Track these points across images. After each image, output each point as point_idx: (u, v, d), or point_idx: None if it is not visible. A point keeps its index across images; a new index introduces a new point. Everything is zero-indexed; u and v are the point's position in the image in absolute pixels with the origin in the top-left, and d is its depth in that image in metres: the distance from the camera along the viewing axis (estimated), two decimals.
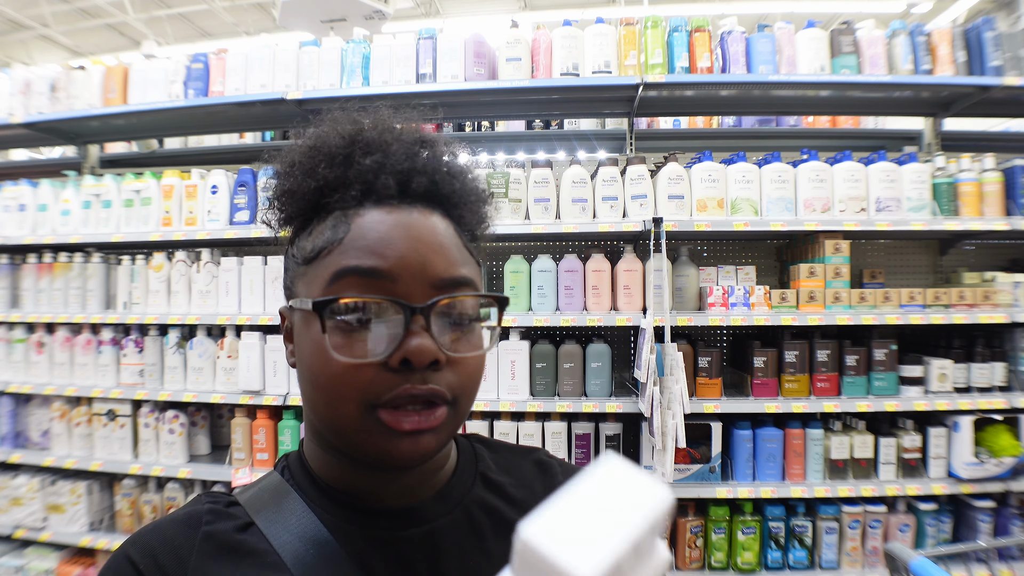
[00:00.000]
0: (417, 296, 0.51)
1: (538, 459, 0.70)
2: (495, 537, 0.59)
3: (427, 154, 0.58)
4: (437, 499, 0.59)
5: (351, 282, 0.51)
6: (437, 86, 2.38)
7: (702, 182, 2.24)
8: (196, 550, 0.53)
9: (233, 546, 0.53)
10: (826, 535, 2.21)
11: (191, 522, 0.55)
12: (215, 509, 0.56)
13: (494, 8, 7.96)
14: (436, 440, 0.51)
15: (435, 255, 0.53)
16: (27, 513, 2.55)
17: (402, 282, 0.51)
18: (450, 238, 0.55)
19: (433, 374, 0.50)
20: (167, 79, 2.60)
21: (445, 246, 0.54)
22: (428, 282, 0.52)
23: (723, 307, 2.19)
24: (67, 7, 7.67)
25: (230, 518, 0.56)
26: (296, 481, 0.59)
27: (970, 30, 2.37)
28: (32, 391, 2.56)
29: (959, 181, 2.29)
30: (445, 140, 0.62)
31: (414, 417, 0.50)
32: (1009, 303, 2.23)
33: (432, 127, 3.28)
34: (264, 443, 2.39)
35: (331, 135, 0.57)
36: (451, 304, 0.52)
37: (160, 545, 0.53)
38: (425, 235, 0.53)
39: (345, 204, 0.54)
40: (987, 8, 6.79)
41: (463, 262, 0.55)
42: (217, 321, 2.39)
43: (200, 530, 0.54)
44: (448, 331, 0.52)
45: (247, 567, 0.52)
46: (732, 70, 2.35)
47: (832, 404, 2.16)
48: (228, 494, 0.59)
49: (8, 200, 2.66)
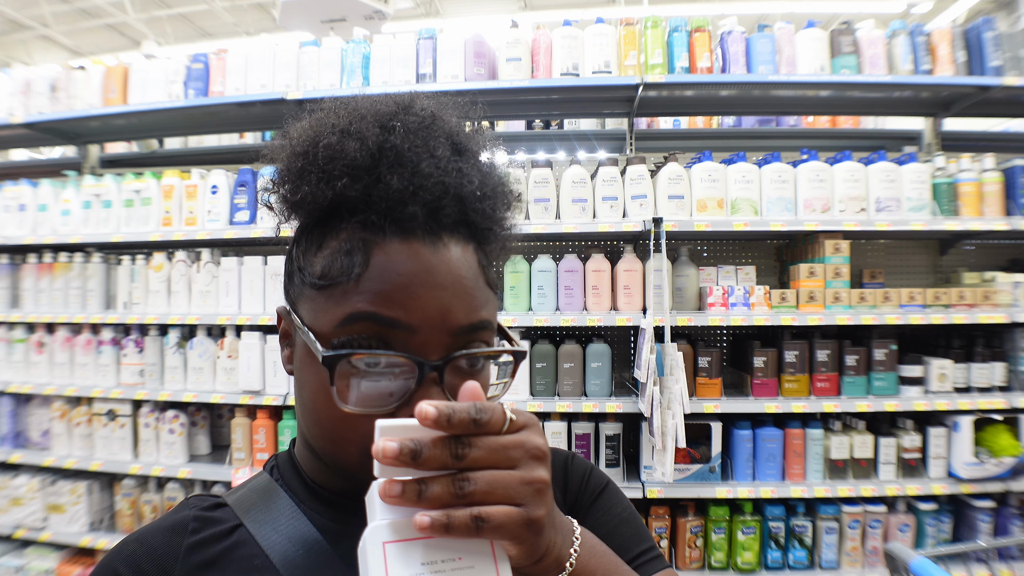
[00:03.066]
0: (434, 347, 0.48)
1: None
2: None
3: (459, 170, 0.52)
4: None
5: (366, 327, 0.48)
6: (437, 86, 2.38)
7: (702, 182, 2.24)
8: (181, 560, 0.53)
9: (218, 556, 0.53)
10: (826, 535, 2.21)
11: (176, 530, 0.55)
12: (201, 516, 0.56)
13: (494, 8, 7.96)
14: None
15: (457, 301, 0.49)
16: (27, 513, 2.55)
17: (421, 333, 0.48)
18: (473, 276, 0.52)
19: None
20: (167, 79, 2.60)
21: (468, 289, 0.51)
22: (447, 331, 0.49)
23: (723, 307, 2.19)
24: (67, 7, 7.67)
25: (216, 523, 0.55)
26: (286, 481, 0.59)
27: (970, 30, 2.37)
28: (32, 391, 2.56)
29: (959, 181, 2.29)
30: (480, 141, 0.57)
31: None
32: (1009, 303, 2.23)
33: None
34: (264, 443, 2.39)
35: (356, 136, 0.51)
36: (473, 357, 0.51)
37: (145, 556, 0.53)
38: (450, 280, 0.49)
39: (364, 228, 0.50)
40: (987, 8, 6.79)
41: (484, 302, 0.52)
42: (217, 321, 2.39)
43: (185, 541, 0.54)
44: (460, 376, 0.50)
45: (228, 563, 0.52)
46: (732, 70, 2.35)
47: (832, 404, 2.16)
48: (215, 496, 0.59)
49: (8, 200, 2.66)
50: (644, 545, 0.65)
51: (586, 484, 0.69)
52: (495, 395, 0.53)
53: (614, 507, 0.68)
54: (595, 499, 0.68)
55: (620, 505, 0.69)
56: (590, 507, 0.67)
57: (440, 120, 0.54)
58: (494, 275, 0.57)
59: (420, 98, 0.56)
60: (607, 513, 0.67)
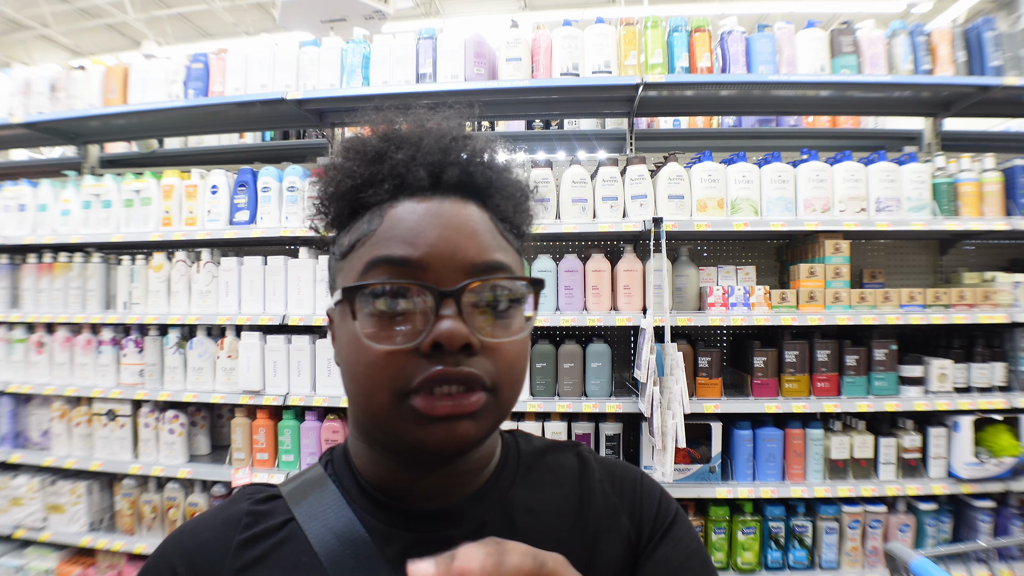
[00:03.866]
0: (448, 282, 0.50)
1: (579, 453, 0.67)
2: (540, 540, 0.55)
3: (461, 147, 0.57)
4: (476, 500, 0.58)
5: (382, 271, 0.51)
6: (437, 86, 2.38)
7: (702, 182, 2.24)
8: (231, 555, 0.54)
9: (267, 551, 0.54)
10: (826, 535, 2.21)
11: (230, 524, 0.56)
12: (254, 510, 0.57)
13: (494, 8, 7.96)
14: (475, 428, 0.50)
15: (466, 240, 0.52)
16: (27, 513, 2.55)
17: (433, 269, 0.50)
18: (484, 225, 0.54)
19: (467, 359, 0.49)
20: (167, 79, 2.60)
21: (478, 232, 0.53)
22: (460, 268, 0.51)
23: (723, 307, 2.19)
24: (67, 7, 7.67)
25: (268, 516, 0.57)
26: (338, 476, 0.60)
27: (970, 30, 2.37)
28: (32, 391, 2.56)
29: (959, 181, 2.29)
30: (483, 136, 0.61)
31: (448, 401, 0.48)
32: (1009, 303, 2.23)
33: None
34: (264, 443, 2.39)
35: (367, 135, 0.58)
36: (484, 288, 0.51)
37: (197, 550, 0.55)
38: (456, 222, 0.53)
39: (379, 199, 0.55)
40: (987, 8, 6.79)
41: (498, 247, 0.54)
42: (217, 321, 2.39)
43: (237, 536, 0.55)
44: (483, 316, 0.51)
45: (281, 572, 0.53)
46: (732, 70, 2.35)
47: (832, 404, 2.16)
48: (272, 487, 0.60)
49: (8, 200, 2.66)
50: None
51: (659, 511, 0.63)
52: (518, 336, 0.52)
53: (685, 536, 0.63)
54: (668, 528, 0.62)
55: (690, 535, 0.63)
56: (663, 537, 0.62)
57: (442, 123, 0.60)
58: (516, 241, 0.59)
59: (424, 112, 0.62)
60: (679, 543, 0.62)
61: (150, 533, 2.49)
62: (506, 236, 0.57)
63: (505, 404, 0.52)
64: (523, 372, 0.54)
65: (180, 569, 0.53)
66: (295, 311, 2.35)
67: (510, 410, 0.54)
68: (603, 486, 0.63)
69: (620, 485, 0.64)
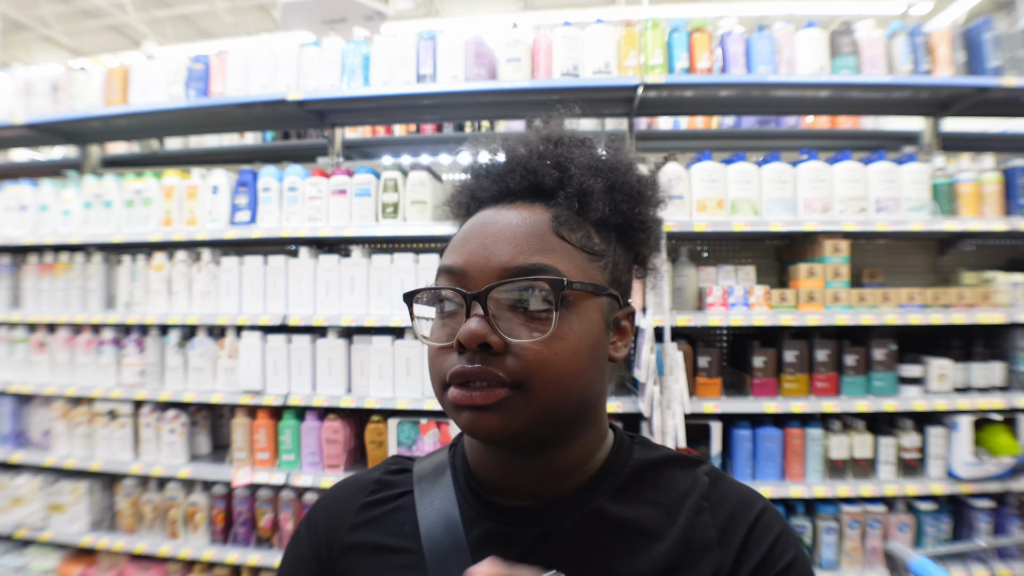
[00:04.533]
0: (479, 285, 0.54)
1: (700, 472, 0.62)
2: (611, 555, 0.56)
3: (541, 152, 0.60)
4: (563, 503, 0.58)
5: (442, 277, 0.57)
6: (437, 87, 2.38)
7: (702, 182, 2.24)
8: (352, 515, 0.64)
9: (380, 516, 0.63)
10: (825, 535, 2.21)
11: (361, 487, 0.66)
12: (383, 479, 0.67)
13: (494, 8, 7.97)
14: (501, 421, 0.52)
15: (503, 245, 0.55)
16: (28, 513, 2.55)
17: (470, 275, 0.55)
18: (532, 227, 0.56)
19: (492, 357, 0.52)
20: (168, 80, 2.61)
21: (518, 236, 0.55)
22: (492, 272, 0.54)
23: (723, 307, 2.20)
24: (68, 8, 7.68)
25: (392, 486, 0.66)
26: (454, 461, 0.66)
27: (969, 31, 2.38)
28: (33, 391, 2.56)
29: (958, 181, 2.29)
30: (572, 135, 0.63)
31: (469, 394, 0.53)
32: (1008, 303, 2.24)
33: (432, 128, 3.29)
34: (264, 443, 2.39)
35: (482, 151, 0.66)
36: (510, 290, 0.54)
37: (333, 506, 0.66)
38: (499, 228, 0.56)
39: (469, 211, 0.63)
40: (986, 9, 6.79)
41: (540, 249, 0.55)
42: (218, 321, 2.39)
43: (361, 499, 0.65)
44: (515, 317, 0.54)
45: (384, 535, 0.62)
46: (732, 71, 2.35)
47: (831, 404, 2.17)
48: (409, 460, 0.69)
49: (9, 200, 2.67)
50: None
51: (768, 555, 0.56)
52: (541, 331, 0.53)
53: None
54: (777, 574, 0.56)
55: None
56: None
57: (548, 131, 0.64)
58: (589, 238, 0.59)
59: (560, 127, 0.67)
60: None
61: (151, 533, 2.49)
62: (566, 235, 0.57)
63: (542, 401, 0.53)
64: (566, 371, 0.53)
65: (322, 520, 0.65)
66: (295, 311, 2.36)
67: (559, 407, 0.54)
68: (706, 515, 0.58)
69: (729, 518, 0.58)
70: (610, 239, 0.61)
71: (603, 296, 0.58)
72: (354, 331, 2.40)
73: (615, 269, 0.61)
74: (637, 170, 0.64)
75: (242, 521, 2.41)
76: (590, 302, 0.56)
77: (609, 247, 0.60)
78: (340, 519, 0.64)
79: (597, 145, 0.64)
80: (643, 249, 0.65)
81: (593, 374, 0.57)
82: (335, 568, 0.62)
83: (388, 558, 0.60)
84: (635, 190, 0.62)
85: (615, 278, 0.61)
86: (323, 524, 0.65)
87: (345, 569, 0.61)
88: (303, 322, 2.32)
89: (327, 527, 0.64)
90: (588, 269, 0.57)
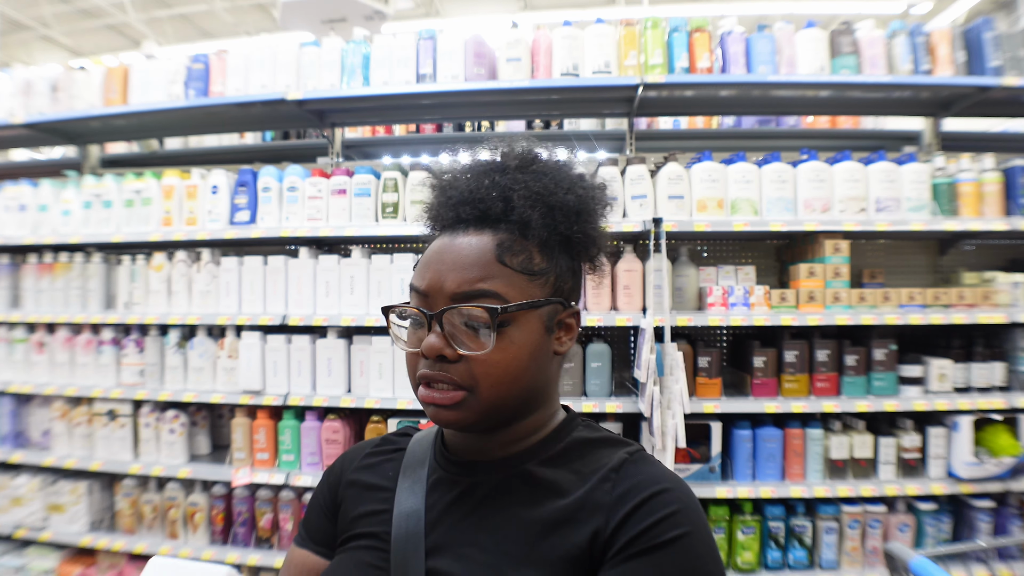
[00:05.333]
0: (438, 306, 0.66)
1: (626, 454, 0.68)
2: (521, 504, 0.68)
3: (487, 185, 0.70)
4: (501, 463, 0.71)
5: (412, 296, 0.70)
6: (437, 86, 2.38)
7: (702, 182, 2.24)
8: (359, 460, 0.81)
9: (376, 463, 0.80)
10: (826, 535, 2.21)
11: (371, 443, 0.84)
12: (389, 437, 0.84)
13: (494, 8, 7.96)
14: (456, 415, 0.66)
15: (453, 274, 0.66)
16: (28, 513, 2.55)
17: (430, 296, 0.67)
18: (478, 256, 0.66)
19: (448, 364, 0.65)
20: (168, 79, 2.61)
21: (466, 265, 0.66)
22: (445, 296, 0.66)
23: (723, 307, 2.19)
24: (67, 7, 7.67)
25: (393, 443, 0.82)
26: (440, 431, 0.80)
27: (970, 30, 2.37)
28: (33, 391, 2.56)
29: (959, 181, 2.29)
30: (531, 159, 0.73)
31: (432, 394, 0.66)
32: (1008, 303, 2.24)
33: (432, 127, 3.28)
34: (264, 443, 2.39)
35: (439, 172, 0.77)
36: (461, 311, 0.65)
37: (347, 456, 0.84)
38: (451, 257, 0.67)
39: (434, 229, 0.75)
40: (987, 8, 6.79)
41: (485, 277, 0.66)
42: (217, 321, 2.39)
43: (367, 450, 0.83)
44: (466, 332, 0.65)
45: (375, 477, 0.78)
46: (732, 70, 2.35)
47: (832, 404, 2.17)
48: (416, 429, 0.85)
49: (9, 200, 2.67)
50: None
51: (650, 527, 0.60)
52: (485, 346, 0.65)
53: (670, 567, 0.58)
54: (653, 548, 0.59)
55: (678, 569, 0.58)
56: (642, 555, 0.59)
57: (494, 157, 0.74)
58: (529, 260, 0.68)
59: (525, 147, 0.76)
60: (655, 569, 0.58)
61: (150, 533, 2.49)
62: (507, 261, 0.67)
63: (488, 400, 0.65)
64: (506, 375, 0.65)
65: (339, 463, 0.83)
66: (295, 311, 2.36)
67: (502, 403, 0.67)
68: (609, 484, 0.65)
69: (628, 490, 0.64)
70: (552, 254, 0.70)
71: (543, 307, 0.68)
72: (354, 331, 2.40)
73: (558, 280, 0.70)
74: (580, 186, 0.72)
75: (242, 521, 2.40)
76: (530, 314, 0.67)
77: (551, 263, 0.70)
78: (350, 463, 0.82)
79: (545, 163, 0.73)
80: (587, 256, 0.76)
81: (534, 372, 0.68)
82: (338, 496, 0.80)
83: (372, 493, 0.76)
84: (574, 209, 0.71)
85: (558, 288, 0.70)
86: (338, 465, 0.83)
87: (343, 498, 0.79)
88: (303, 322, 2.32)
89: (340, 468, 0.83)
90: (528, 288, 0.67)
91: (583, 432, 0.74)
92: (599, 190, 0.76)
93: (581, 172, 0.75)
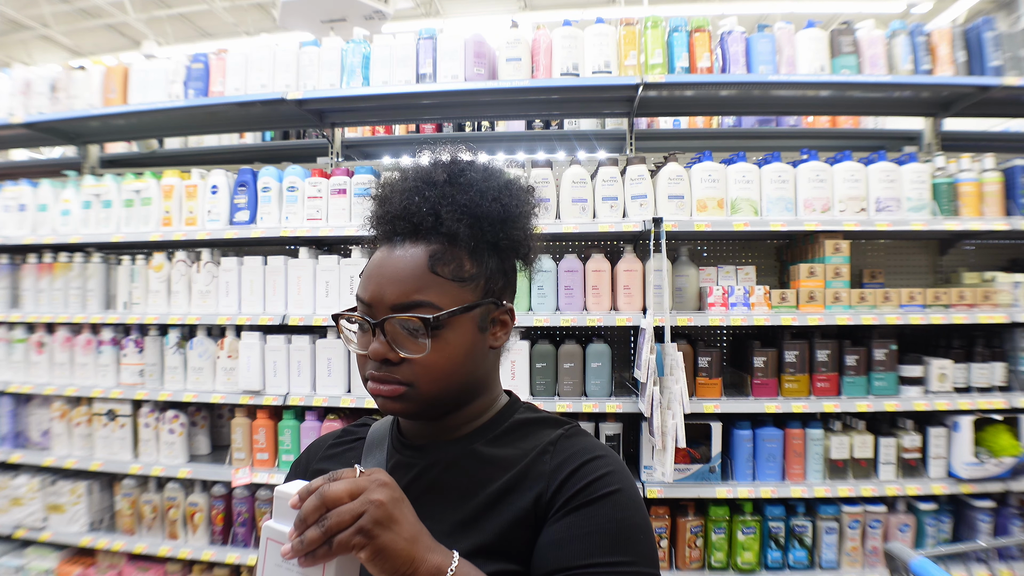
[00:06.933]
0: (380, 315, 0.73)
1: (563, 431, 0.79)
2: (471, 479, 0.76)
3: (417, 201, 0.75)
4: (450, 444, 0.79)
5: (358, 304, 0.77)
6: (437, 86, 2.38)
7: (702, 182, 2.24)
8: (323, 451, 0.89)
9: (339, 453, 0.87)
10: (826, 535, 2.21)
11: (334, 434, 0.91)
12: (349, 429, 0.91)
13: (494, 8, 7.96)
14: (400, 406, 0.74)
15: (391, 286, 0.73)
16: (27, 513, 2.55)
17: (373, 307, 0.74)
18: (412, 269, 0.73)
19: (392, 365, 0.73)
20: (167, 79, 2.60)
21: (401, 278, 0.73)
22: (385, 306, 0.73)
23: (723, 307, 2.19)
24: (67, 7, 7.67)
25: (353, 434, 0.89)
26: (396, 420, 0.87)
27: (970, 30, 2.37)
28: (32, 391, 2.56)
29: (959, 181, 2.29)
30: (460, 169, 0.78)
31: (378, 388, 0.73)
32: (1009, 303, 2.23)
33: (432, 127, 3.29)
34: (264, 443, 2.39)
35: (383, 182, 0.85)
36: (397, 322, 0.72)
37: (311, 449, 0.91)
38: (389, 271, 0.74)
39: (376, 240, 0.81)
40: (987, 8, 6.79)
41: (419, 288, 0.72)
42: (217, 321, 2.39)
43: (329, 441, 0.90)
44: (406, 337, 0.72)
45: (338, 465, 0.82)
46: (732, 70, 2.35)
47: (832, 404, 2.16)
48: (373, 419, 0.92)
49: (8, 200, 2.66)
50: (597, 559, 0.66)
51: (583, 488, 0.71)
52: (421, 349, 0.72)
53: (599, 515, 0.69)
54: (586, 503, 0.70)
55: (608, 515, 0.69)
56: (577, 510, 0.70)
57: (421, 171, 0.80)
58: (460, 268, 0.75)
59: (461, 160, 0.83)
60: (588, 519, 0.69)
61: (150, 533, 2.49)
62: (439, 271, 0.73)
63: (428, 394, 0.73)
64: (442, 374, 0.73)
65: (305, 455, 0.91)
66: (295, 311, 2.35)
67: (441, 396, 0.74)
68: (548, 456, 0.75)
69: (564, 460, 0.74)
70: (482, 259, 0.76)
71: (476, 309, 0.75)
72: None
73: (488, 282, 0.77)
74: (506, 194, 0.78)
75: (241, 521, 2.40)
76: (463, 317, 0.74)
77: (481, 268, 0.76)
78: (315, 454, 0.89)
79: (472, 175, 0.78)
80: (517, 256, 0.82)
81: (470, 368, 0.76)
82: None
83: None
84: (499, 218, 0.76)
85: (488, 289, 0.77)
86: (304, 458, 0.91)
87: None
88: (303, 322, 2.31)
89: (306, 460, 0.90)
90: (460, 294, 0.74)
91: (524, 414, 0.82)
92: (526, 194, 0.81)
93: (508, 179, 0.81)
